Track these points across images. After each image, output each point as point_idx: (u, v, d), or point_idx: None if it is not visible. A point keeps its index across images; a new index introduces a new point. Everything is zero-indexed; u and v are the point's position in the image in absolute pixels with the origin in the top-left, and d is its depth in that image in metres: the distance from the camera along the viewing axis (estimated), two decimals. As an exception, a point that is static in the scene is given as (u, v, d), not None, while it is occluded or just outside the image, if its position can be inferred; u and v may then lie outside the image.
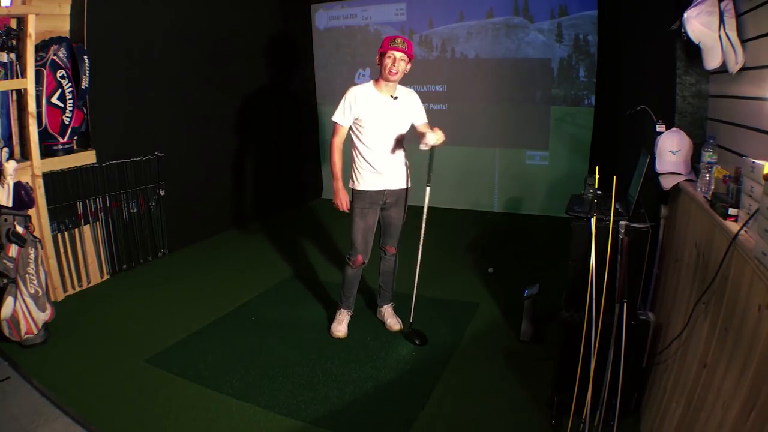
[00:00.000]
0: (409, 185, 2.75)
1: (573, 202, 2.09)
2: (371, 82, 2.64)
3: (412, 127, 2.71)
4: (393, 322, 2.91)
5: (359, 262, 2.72)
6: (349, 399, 2.30)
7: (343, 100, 2.59)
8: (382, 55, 2.51)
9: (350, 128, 2.64)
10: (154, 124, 3.95)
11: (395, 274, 2.92)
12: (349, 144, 2.67)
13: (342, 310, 2.86)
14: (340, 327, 2.81)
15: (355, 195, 2.67)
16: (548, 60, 4.74)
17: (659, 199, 2.20)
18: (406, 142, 2.69)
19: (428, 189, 2.70)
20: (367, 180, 2.65)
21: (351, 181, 2.69)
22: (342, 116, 2.59)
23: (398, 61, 2.49)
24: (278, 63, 5.32)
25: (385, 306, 2.97)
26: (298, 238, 4.55)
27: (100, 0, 3.41)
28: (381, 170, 2.63)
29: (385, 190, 2.67)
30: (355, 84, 2.69)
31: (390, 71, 2.49)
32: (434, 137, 2.46)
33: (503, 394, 2.29)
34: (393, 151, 2.65)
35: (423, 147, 2.52)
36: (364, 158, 2.63)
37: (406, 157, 2.73)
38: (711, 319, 1.47)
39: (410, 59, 2.54)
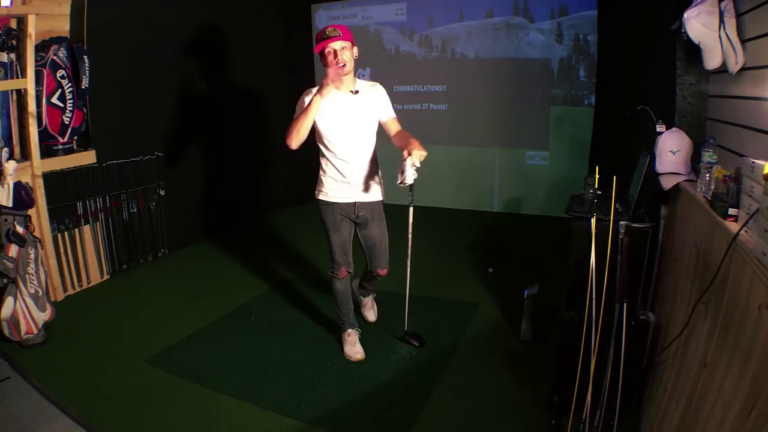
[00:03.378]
0: (382, 198, 2.53)
1: (573, 202, 2.09)
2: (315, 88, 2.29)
3: (382, 130, 2.43)
4: (371, 314, 2.95)
5: (344, 274, 2.56)
6: (349, 399, 2.30)
7: (300, 101, 2.30)
8: (321, 54, 2.23)
9: (315, 136, 2.37)
10: (154, 124, 3.95)
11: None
12: (316, 154, 2.47)
13: (348, 330, 2.65)
14: (356, 348, 2.60)
15: (324, 208, 2.46)
16: (548, 60, 4.73)
17: (659, 199, 2.20)
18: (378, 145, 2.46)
19: (411, 210, 2.53)
20: (335, 190, 2.42)
21: (317, 191, 2.49)
22: (300, 111, 2.26)
23: (340, 52, 2.17)
24: (278, 63, 5.33)
25: (366, 298, 2.95)
26: (298, 237, 4.56)
27: (100, 0, 3.41)
28: (350, 179, 2.39)
29: (356, 203, 2.44)
30: None
31: (337, 65, 2.17)
32: (412, 173, 2.11)
33: (503, 394, 2.29)
34: (361, 156, 2.39)
35: (401, 184, 2.14)
36: (332, 165, 2.39)
37: (380, 167, 2.50)
38: (711, 319, 1.47)
39: (353, 44, 2.24)
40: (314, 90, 2.26)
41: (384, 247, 2.58)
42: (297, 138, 2.20)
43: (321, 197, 2.47)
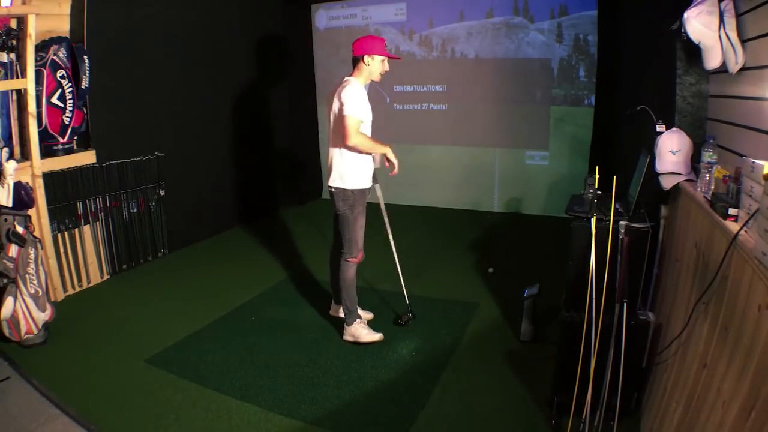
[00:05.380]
0: None
1: (573, 202, 2.09)
2: (355, 80, 2.57)
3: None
4: (365, 315, 2.97)
5: (361, 257, 2.74)
6: (349, 399, 2.30)
7: (357, 96, 2.49)
8: (376, 59, 2.56)
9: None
10: (154, 124, 3.95)
11: None
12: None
13: (358, 320, 2.77)
14: (371, 331, 2.75)
15: (359, 194, 2.65)
16: (548, 60, 4.74)
17: (659, 199, 2.20)
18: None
19: (378, 186, 2.85)
20: (367, 177, 2.69)
21: (352, 181, 2.62)
22: (364, 112, 2.54)
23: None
24: (278, 63, 5.33)
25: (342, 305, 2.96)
26: (297, 238, 4.56)
27: (100, 0, 3.41)
28: (370, 165, 2.72)
29: (371, 186, 2.77)
30: None
31: (384, 76, 2.63)
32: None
33: (503, 394, 2.29)
34: None
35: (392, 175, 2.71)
36: (365, 156, 2.65)
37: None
38: (711, 319, 1.47)
39: None
40: (362, 87, 2.56)
41: None
42: (362, 151, 2.60)
43: (358, 186, 2.66)
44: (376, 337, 2.73)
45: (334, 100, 2.57)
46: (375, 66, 2.57)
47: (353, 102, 2.47)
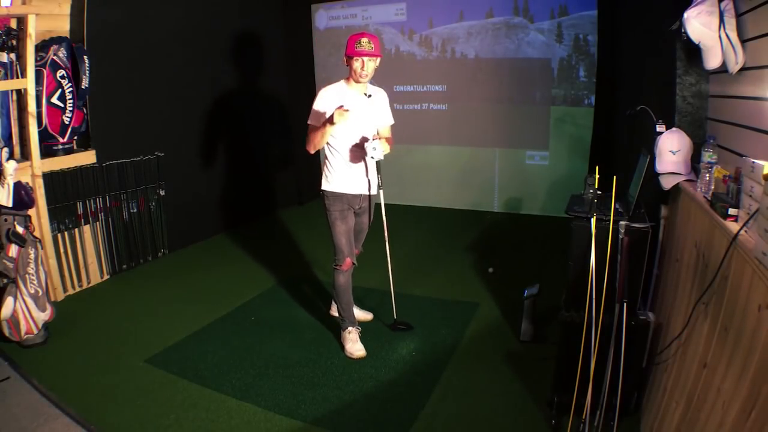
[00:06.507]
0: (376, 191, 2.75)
1: (573, 202, 2.09)
2: (342, 81, 2.56)
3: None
4: (363, 315, 2.98)
5: (348, 264, 2.62)
6: (349, 399, 2.30)
7: (316, 102, 2.51)
8: (349, 58, 2.47)
9: None
10: (154, 124, 3.95)
11: None
12: (317, 154, 2.64)
13: (349, 328, 2.69)
14: (357, 345, 2.64)
15: (332, 198, 2.59)
16: (548, 60, 4.74)
17: (659, 199, 2.20)
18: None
19: (381, 192, 2.70)
20: (345, 182, 2.59)
21: (326, 183, 2.61)
22: (317, 119, 2.50)
23: (367, 63, 2.46)
24: (278, 63, 5.33)
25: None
26: (297, 237, 4.56)
27: (100, 0, 3.41)
28: (359, 172, 2.60)
29: (361, 194, 2.64)
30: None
31: (360, 75, 2.46)
32: (382, 151, 2.47)
33: (503, 394, 2.29)
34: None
35: (370, 159, 2.54)
36: (342, 159, 2.56)
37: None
38: (711, 319, 1.47)
39: (379, 57, 2.50)
40: (330, 90, 2.53)
41: (365, 232, 2.85)
42: (315, 148, 2.51)
43: (331, 188, 2.60)
44: (356, 354, 2.61)
45: None
46: (352, 66, 2.48)
47: (312, 109, 2.51)
